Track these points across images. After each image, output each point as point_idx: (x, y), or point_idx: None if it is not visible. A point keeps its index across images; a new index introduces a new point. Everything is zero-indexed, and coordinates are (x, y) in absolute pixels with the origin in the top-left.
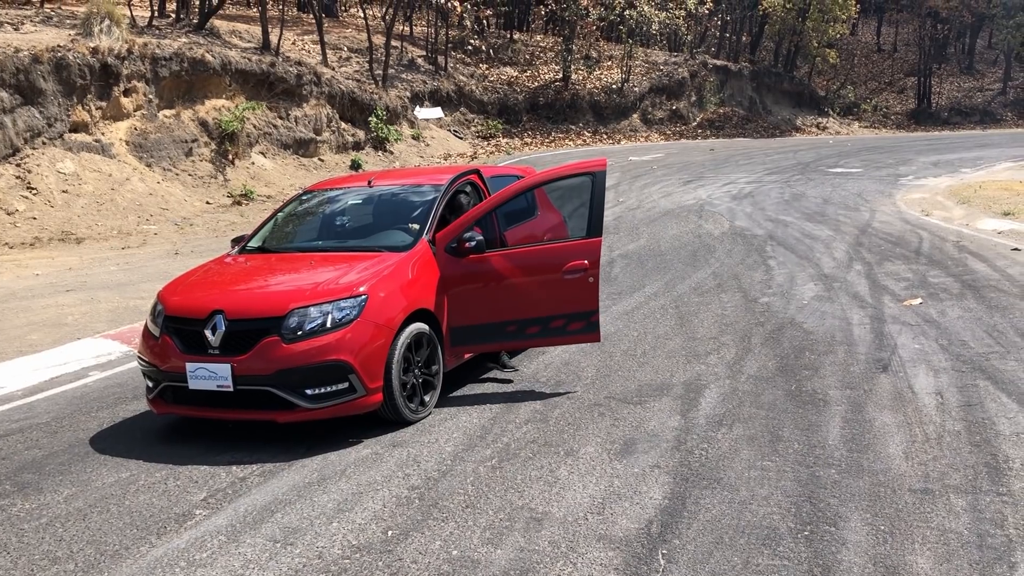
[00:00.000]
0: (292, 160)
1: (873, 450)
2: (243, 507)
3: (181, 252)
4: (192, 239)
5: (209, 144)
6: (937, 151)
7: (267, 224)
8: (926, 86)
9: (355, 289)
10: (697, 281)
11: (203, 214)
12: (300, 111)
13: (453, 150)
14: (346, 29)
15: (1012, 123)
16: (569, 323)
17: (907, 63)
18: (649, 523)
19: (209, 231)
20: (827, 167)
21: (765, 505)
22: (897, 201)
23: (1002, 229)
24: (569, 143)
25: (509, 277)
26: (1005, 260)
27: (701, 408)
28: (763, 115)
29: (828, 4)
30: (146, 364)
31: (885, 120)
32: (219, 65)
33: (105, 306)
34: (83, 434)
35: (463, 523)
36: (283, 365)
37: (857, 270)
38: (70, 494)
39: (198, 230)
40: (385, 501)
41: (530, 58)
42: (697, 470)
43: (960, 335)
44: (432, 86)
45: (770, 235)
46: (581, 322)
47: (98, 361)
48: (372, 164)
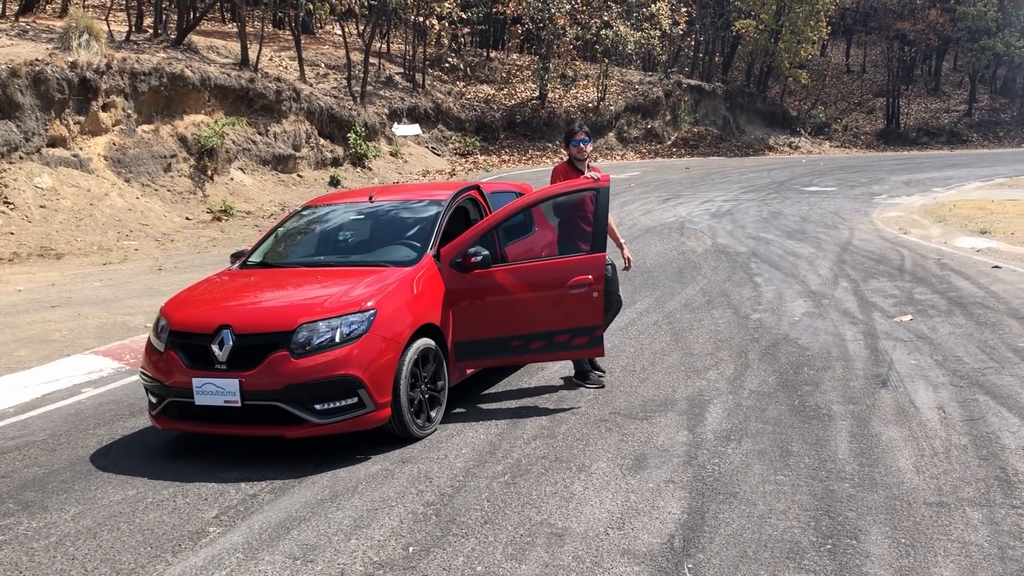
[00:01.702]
0: (271, 176)
1: (883, 464)
2: (257, 524)
3: (165, 268)
4: (174, 255)
5: (188, 160)
6: (908, 171)
7: (268, 239)
8: (894, 107)
9: (363, 304)
10: (687, 298)
11: (183, 230)
12: (279, 127)
13: (431, 167)
14: (323, 46)
15: (978, 144)
16: (574, 338)
17: (876, 84)
18: (671, 537)
19: (191, 247)
20: (802, 186)
21: (784, 519)
22: (874, 219)
23: (980, 247)
24: (546, 160)
25: (515, 292)
26: (987, 277)
27: (708, 423)
28: (737, 134)
29: (800, 25)
30: (150, 379)
31: (855, 140)
32: (198, 80)
33: (93, 322)
34: (83, 451)
35: (484, 539)
36: (292, 380)
37: (844, 287)
38: (77, 512)
39: (179, 246)
40: (402, 517)
41: (507, 76)
42: (712, 485)
43: (954, 351)
44: (410, 103)
45: (753, 252)
46: (585, 337)
47: (90, 378)
48: (351, 180)
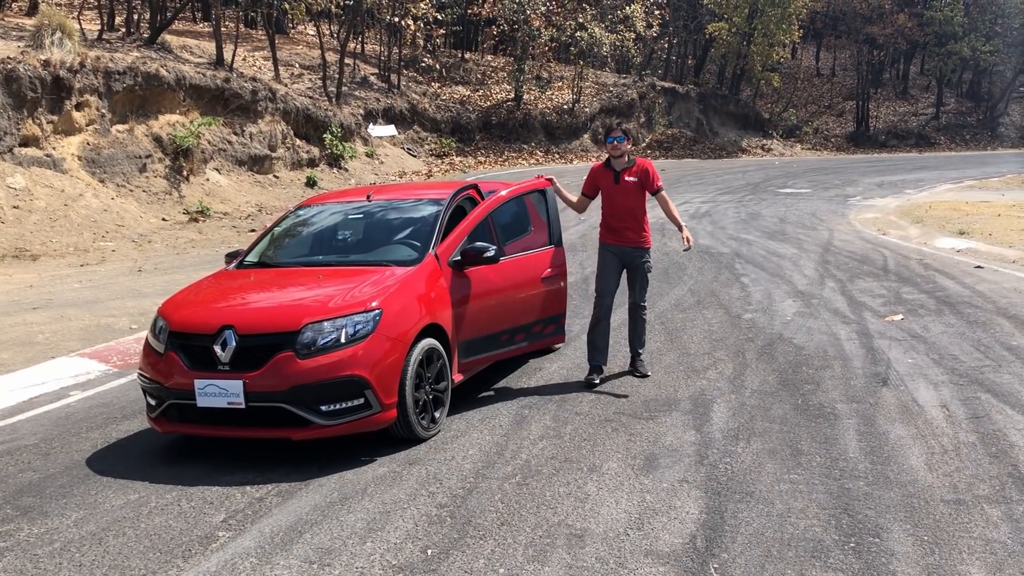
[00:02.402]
0: (247, 177)
1: (895, 462)
2: (268, 528)
3: (144, 269)
4: (153, 256)
5: (163, 160)
6: (880, 173)
7: (264, 238)
8: (864, 110)
9: (368, 303)
10: (676, 298)
11: (160, 231)
12: (255, 127)
13: (408, 168)
14: (296, 46)
15: (945, 146)
16: (545, 327)
17: (845, 87)
18: (692, 537)
19: (169, 248)
20: (777, 187)
21: (803, 518)
22: (851, 220)
23: (960, 248)
24: (522, 162)
25: (508, 287)
26: (972, 277)
27: (714, 423)
28: (710, 137)
29: (772, 28)
30: (148, 381)
31: (826, 142)
32: (173, 80)
33: (76, 324)
34: (78, 455)
35: (502, 541)
36: (298, 381)
37: (831, 287)
38: (79, 518)
39: (157, 247)
40: (416, 520)
41: (482, 77)
42: (726, 484)
43: (949, 350)
44: (385, 104)
45: (736, 253)
46: (553, 325)
47: (77, 380)
48: (327, 182)
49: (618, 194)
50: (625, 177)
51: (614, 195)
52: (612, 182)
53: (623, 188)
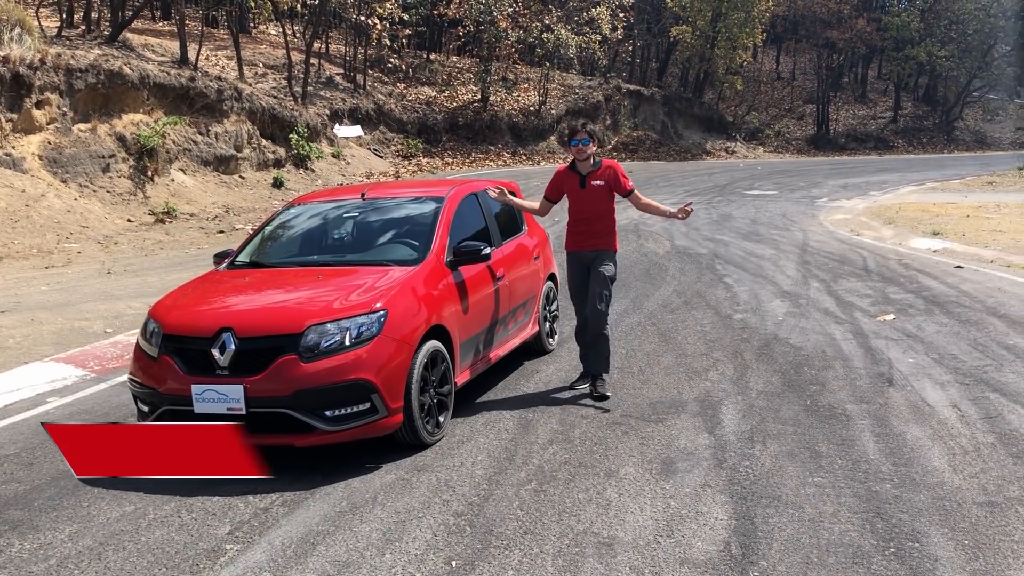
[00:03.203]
0: (213, 177)
1: (918, 464)
2: (277, 540)
3: (114, 271)
4: (121, 258)
5: (127, 160)
6: (843, 175)
7: (255, 238)
8: (824, 113)
9: (373, 304)
10: (663, 299)
11: (126, 232)
12: (220, 127)
13: (374, 169)
14: (260, 45)
15: (903, 149)
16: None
17: (805, 91)
18: (726, 544)
19: (136, 250)
20: (743, 189)
21: (836, 522)
22: (823, 221)
23: (936, 248)
24: (490, 163)
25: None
26: (954, 277)
27: (725, 425)
28: (675, 139)
29: (735, 32)
30: (140, 387)
31: (787, 145)
32: (137, 78)
33: (48, 328)
34: (63, 465)
35: (529, 551)
36: (302, 385)
37: (815, 287)
38: (73, 531)
39: (124, 248)
40: (433, 529)
41: (447, 78)
42: (750, 488)
43: (948, 349)
44: (351, 104)
45: (715, 254)
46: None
47: (54, 387)
48: (294, 182)
49: (584, 200)
50: (592, 181)
51: (580, 200)
52: (578, 187)
53: (590, 193)
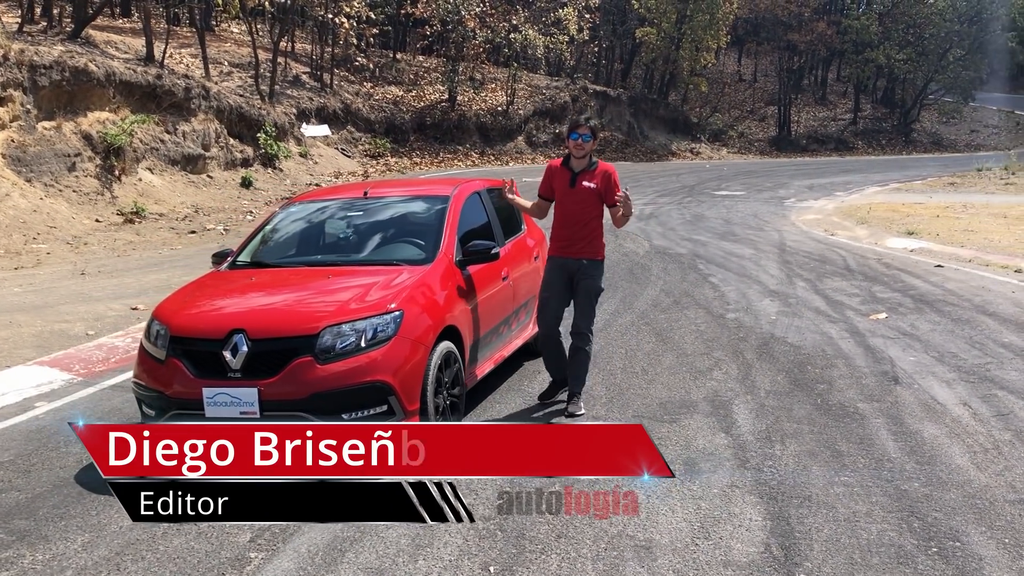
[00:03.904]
0: (181, 177)
1: (940, 462)
2: (303, 547)
3: (88, 272)
4: (92, 259)
5: (94, 159)
6: (807, 176)
7: (255, 237)
8: (785, 115)
9: (388, 305)
10: (651, 298)
11: (95, 232)
12: (188, 126)
13: (343, 168)
14: (224, 43)
15: (863, 151)
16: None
17: (766, 92)
18: (766, 546)
19: (107, 250)
20: (712, 190)
21: (873, 522)
22: (795, 221)
23: (913, 247)
24: (458, 163)
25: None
26: (937, 276)
27: (740, 425)
28: (641, 140)
29: (700, 34)
30: (146, 391)
31: (750, 146)
32: (103, 76)
33: (28, 330)
34: (63, 472)
35: (566, 555)
36: (318, 388)
37: (802, 286)
38: (86, 541)
39: (95, 249)
40: (463, 534)
41: (414, 78)
42: (779, 488)
43: (946, 347)
44: (318, 103)
45: (695, 254)
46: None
47: (40, 391)
48: (263, 182)
49: (572, 200)
50: (583, 182)
51: (567, 200)
52: (567, 185)
53: (579, 193)
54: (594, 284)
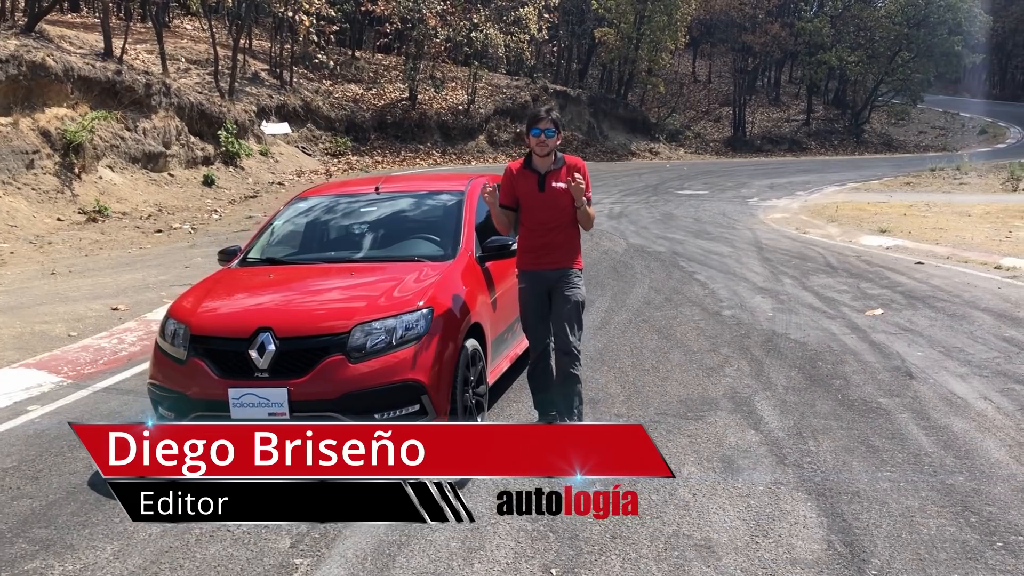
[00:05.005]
0: (142, 175)
1: (978, 455)
2: (350, 552)
3: (57, 272)
4: (59, 258)
5: (52, 156)
6: (767, 175)
7: (263, 234)
8: (740, 116)
9: (417, 302)
10: (643, 296)
11: (58, 232)
12: (149, 123)
13: (304, 167)
14: (180, 39)
15: (816, 151)
16: None
17: (721, 94)
18: (828, 543)
19: (73, 250)
20: (675, 189)
21: (929, 516)
22: (764, 220)
23: (888, 245)
24: (420, 162)
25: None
26: (920, 273)
27: (767, 421)
28: (601, 140)
29: (659, 35)
30: (165, 392)
31: (706, 146)
32: (61, 71)
33: (7, 332)
34: (74, 478)
35: (627, 556)
36: (350, 388)
37: (789, 284)
38: (117, 550)
39: (60, 248)
40: (513, 536)
41: (374, 76)
42: (825, 484)
43: (950, 342)
44: (278, 100)
45: (674, 252)
46: None
47: (31, 394)
48: (225, 180)
49: (543, 205)
50: (553, 183)
51: (536, 206)
52: (535, 189)
53: (550, 197)
54: (580, 293)
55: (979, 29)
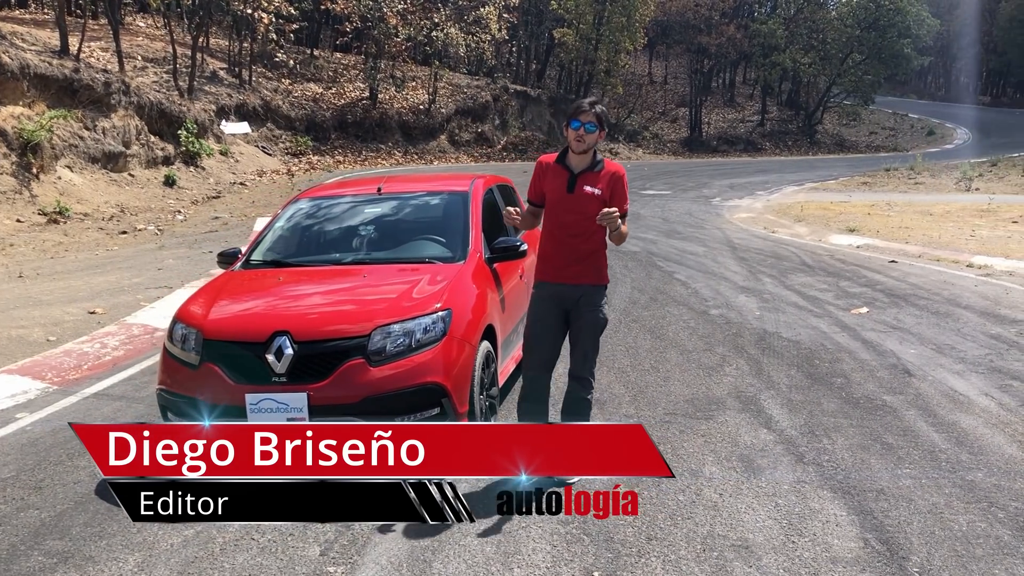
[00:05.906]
0: (102, 175)
1: (992, 451)
2: (384, 559)
3: (25, 275)
4: (23, 261)
5: (9, 156)
6: (726, 176)
7: (265, 236)
8: (696, 116)
9: (434, 304)
10: (627, 296)
11: (18, 233)
12: (108, 122)
13: (265, 167)
14: (136, 37)
15: (771, 152)
16: None
17: (677, 94)
18: (864, 541)
19: (37, 252)
20: (638, 189)
21: (956, 512)
22: (731, 220)
23: (858, 244)
24: (381, 162)
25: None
26: (896, 271)
27: (777, 420)
28: (562, 140)
29: (617, 35)
30: (176, 397)
31: (663, 147)
32: (17, 68)
33: None
34: (79, 487)
35: (666, 558)
36: (371, 391)
37: (769, 283)
38: (140, 561)
39: (23, 251)
40: (548, 539)
41: (334, 75)
42: (847, 482)
43: (940, 340)
44: (238, 100)
45: (648, 251)
46: None
47: (17, 401)
48: (186, 180)
49: (568, 208)
50: (584, 186)
51: (561, 208)
52: (564, 188)
53: (578, 200)
54: (601, 317)
55: (927, 32)
